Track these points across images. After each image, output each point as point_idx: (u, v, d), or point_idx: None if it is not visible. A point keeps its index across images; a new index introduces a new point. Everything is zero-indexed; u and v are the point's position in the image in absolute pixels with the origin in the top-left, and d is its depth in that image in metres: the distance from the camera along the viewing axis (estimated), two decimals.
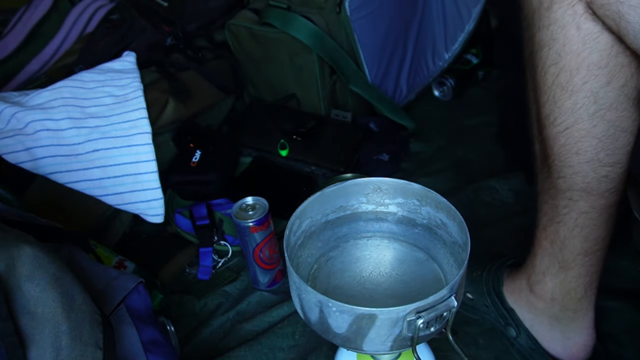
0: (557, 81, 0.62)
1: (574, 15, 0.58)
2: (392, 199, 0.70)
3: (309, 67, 1.20)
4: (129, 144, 0.96)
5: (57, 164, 0.94)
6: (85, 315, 0.56)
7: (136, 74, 1.05)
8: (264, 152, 1.21)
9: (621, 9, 0.53)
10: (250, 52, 1.26)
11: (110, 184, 0.96)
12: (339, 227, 0.72)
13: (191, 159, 1.11)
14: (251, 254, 0.91)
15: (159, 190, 0.98)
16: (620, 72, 0.59)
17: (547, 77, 0.63)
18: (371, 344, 0.56)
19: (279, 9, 1.17)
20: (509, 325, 0.81)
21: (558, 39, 0.60)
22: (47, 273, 0.55)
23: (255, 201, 0.90)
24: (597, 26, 0.58)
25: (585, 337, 0.77)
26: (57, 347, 0.53)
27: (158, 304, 0.92)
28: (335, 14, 1.16)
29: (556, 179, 0.68)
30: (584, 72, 0.60)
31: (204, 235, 1.02)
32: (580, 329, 0.77)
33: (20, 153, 0.94)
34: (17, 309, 0.53)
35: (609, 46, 0.58)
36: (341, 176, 1.09)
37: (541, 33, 0.62)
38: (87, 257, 0.69)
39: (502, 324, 0.82)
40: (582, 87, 0.61)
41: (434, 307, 0.54)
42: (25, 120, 0.94)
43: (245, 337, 0.90)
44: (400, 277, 0.68)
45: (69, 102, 0.97)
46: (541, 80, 0.64)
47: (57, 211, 0.94)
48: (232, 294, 0.97)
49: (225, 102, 1.27)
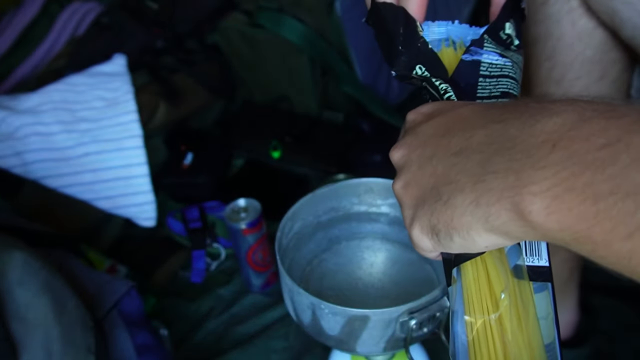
0: (551, 76, 0.62)
1: (569, 11, 0.59)
2: (384, 200, 0.70)
3: (300, 68, 1.20)
4: (120, 147, 0.96)
5: (47, 168, 0.94)
6: (77, 320, 0.56)
7: (127, 76, 1.05)
8: (256, 154, 1.20)
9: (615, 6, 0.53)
10: (242, 54, 1.26)
11: (101, 187, 0.96)
12: (331, 229, 0.72)
13: (183, 162, 1.11)
14: (244, 257, 0.91)
15: (150, 193, 0.98)
16: (613, 67, 0.60)
17: (541, 72, 0.63)
18: (364, 345, 0.56)
19: (270, 11, 1.17)
20: None
21: (553, 33, 0.60)
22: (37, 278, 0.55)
23: (247, 203, 0.90)
24: (592, 22, 0.58)
25: (571, 315, 0.79)
26: (49, 353, 0.52)
27: (151, 307, 0.92)
28: (326, 14, 1.16)
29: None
30: (578, 66, 0.60)
31: (197, 238, 1.02)
32: (566, 309, 0.79)
33: (11, 158, 0.94)
34: (7, 315, 0.52)
35: (603, 42, 0.58)
36: (333, 177, 1.09)
37: (536, 27, 0.62)
38: (78, 262, 0.69)
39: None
40: (575, 81, 0.61)
41: (427, 308, 0.54)
42: (15, 124, 0.94)
43: (238, 339, 0.89)
44: (392, 278, 0.68)
45: (59, 105, 0.97)
46: (535, 74, 0.64)
47: (48, 216, 0.93)
48: (225, 296, 0.97)
49: (217, 104, 1.27)
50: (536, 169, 0.29)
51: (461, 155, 0.34)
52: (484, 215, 0.31)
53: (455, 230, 0.34)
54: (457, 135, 0.35)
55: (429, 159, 0.36)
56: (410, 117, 0.42)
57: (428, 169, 0.36)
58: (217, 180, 1.13)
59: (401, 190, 0.38)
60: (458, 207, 0.33)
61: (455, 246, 0.34)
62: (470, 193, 0.32)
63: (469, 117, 0.36)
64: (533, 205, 0.29)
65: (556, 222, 0.28)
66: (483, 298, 0.38)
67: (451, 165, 0.35)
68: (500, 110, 0.34)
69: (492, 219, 0.31)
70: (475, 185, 0.32)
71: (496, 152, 0.32)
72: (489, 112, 0.35)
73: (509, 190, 0.30)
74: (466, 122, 0.36)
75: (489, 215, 0.31)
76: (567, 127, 0.29)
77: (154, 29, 1.21)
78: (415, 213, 0.37)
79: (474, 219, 0.32)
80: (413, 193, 0.37)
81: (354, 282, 0.68)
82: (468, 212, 0.32)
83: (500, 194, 0.31)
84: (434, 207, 0.35)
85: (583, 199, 0.27)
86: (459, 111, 0.38)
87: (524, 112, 0.32)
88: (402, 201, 0.39)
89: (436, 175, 0.35)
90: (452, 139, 0.36)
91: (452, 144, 0.35)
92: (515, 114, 0.33)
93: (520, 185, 0.29)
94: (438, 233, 0.35)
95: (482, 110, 0.36)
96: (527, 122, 0.31)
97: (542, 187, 0.28)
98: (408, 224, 0.37)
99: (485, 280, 0.38)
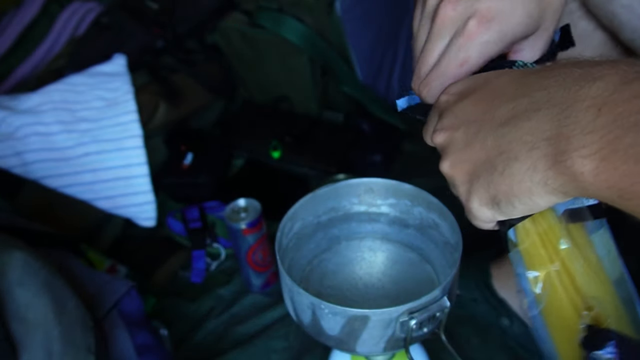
0: None
1: (568, 13, 0.59)
2: (384, 200, 0.70)
3: (300, 68, 1.20)
4: (120, 147, 0.96)
5: (47, 168, 0.94)
6: (77, 320, 0.56)
7: (127, 76, 1.05)
8: (256, 154, 1.20)
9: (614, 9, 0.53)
10: (242, 54, 1.26)
11: (101, 187, 0.96)
12: (331, 229, 0.71)
13: (183, 162, 1.11)
14: (244, 257, 0.91)
15: (150, 193, 0.98)
16: None
17: None
18: (364, 346, 0.56)
19: (270, 11, 1.17)
20: (501, 315, 0.82)
21: None
22: (37, 278, 0.55)
23: (247, 203, 0.90)
24: (592, 24, 0.58)
25: None
26: (49, 353, 0.52)
27: (151, 307, 0.92)
28: (326, 14, 1.16)
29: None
30: None
31: (197, 238, 1.02)
32: None
33: (11, 158, 0.94)
34: (7, 315, 0.52)
35: (603, 43, 0.59)
36: (333, 177, 1.09)
37: None
38: (78, 262, 0.69)
39: (494, 316, 0.83)
40: None
41: (427, 308, 0.54)
42: (15, 124, 0.94)
43: (238, 339, 0.89)
44: (392, 278, 0.68)
45: (59, 105, 0.97)
46: None
47: (48, 216, 0.94)
48: (225, 296, 0.97)
49: (217, 104, 1.26)
50: (585, 133, 0.30)
51: (509, 125, 0.35)
52: (543, 179, 0.33)
53: (516, 197, 0.35)
54: (501, 107, 0.36)
55: (475, 134, 0.37)
56: (442, 98, 0.42)
57: (476, 145, 0.37)
58: (217, 180, 1.13)
59: (450, 170, 0.39)
60: (516, 174, 0.34)
61: (517, 212, 0.36)
62: (526, 160, 0.33)
63: (506, 87, 0.37)
64: (584, 167, 0.30)
65: (604, 181, 0.30)
66: (542, 252, 0.39)
67: (501, 137, 0.35)
68: (540, 78, 0.35)
69: (550, 181, 0.33)
70: (530, 152, 0.33)
71: (544, 119, 0.33)
72: (528, 80, 0.36)
73: (563, 154, 0.31)
74: (506, 93, 0.36)
75: (548, 179, 0.33)
76: (610, 90, 0.30)
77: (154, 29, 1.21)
78: (470, 188, 0.38)
79: (533, 184, 0.33)
80: (464, 169, 0.38)
81: (354, 282, 0.68)
82: (527, 178, 0.34)
83: (554, 158, 0.32)
84: (490, 178, 0.36)
85: (626, 159, 0.29)
86: (495, 83, 0.38)
87: (567, 78, 0.33)
88: (453, 179, 0.39)
89: (487, 148, 0.36)
90: (496, 111, 0.36)
91: (497, 116, 0.36)
92: (557, 79, 0.33)
93: (571, 149, 0.31)
94: (499, 202, 0.36)
95: (518, 78, 0.37)
96: (571, 88, 0.32)
97: (591, 150, 0.30)
98: (464, 199, 0.39)
99: (539, 235, 0.40)
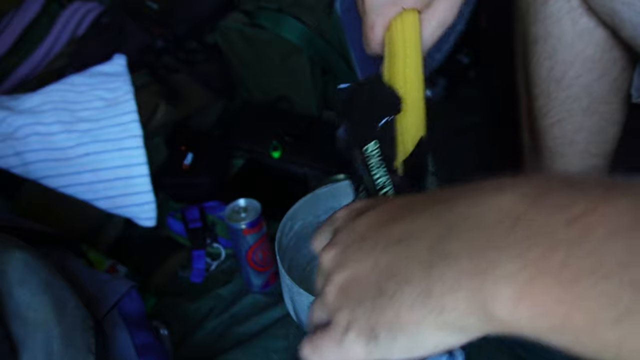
0: (552, 74, 0.63)
1: (569, 10, 0.59)
2: None
3: (300, 68, 1.20)
4: (120, 147, 0.96)
5: (47, 168, 0.94)
6: (77, 319, 0.56)
7: (127, 77, 1.04)
8: (256, 154, 1.20)
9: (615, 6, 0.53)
10: (242, 54, 1.26)
11: (101, 187, 0.96)
12: None
13: (183, 162, 1.11)
14: (244, 257, 0.91)
15: (150, 193, 0.98)
16: (614, 65, 0.60)
17: (541, 71, 0.63)
18: None
19: (269, 11, 1.17)
20: None
21: (553, 32, 0.61)
22: (38, 278, 0.55)
23: (247, 203, 0.90)
24: (592, 21, 0.58)
25: None
26: (49, 353, 0.52)
27: (151, 307, 0.92)
28: (326, 14, 1.16)
29: (544, 169, 0.68)
30: (579, 65, 0.61)
31: (197, 238, 1.02)
32: None
33: (11, 158, 0.94)
34: (8, 315, 0.52)
35: (604, 40, 0.59)
36: (333, 177, 1.09)
37: (536, 27, 0.62)
38: (78, 262, 0.69)
39: None
40: (576, 80, 0.61)
41: None
42: (16, 124, 0.94)
43: (239, 339, 0.89)
44: None
45: (59, 105, 0.97)
46: (535, 73, 0.64)
47: (48, 216, 0.93)
48: (225, 296, 0.97)
49: (217, 104, 1.26)
50: (499, 249, 0.25)
51: (406, 241, 0.30)
52: (437, 307, 0.27)
53: (400, 330, 0.28)
54: (400, 222, 0.31)
55: (368, 252, 0.31)
56: (340, 214, 0.38)
57: (368, 264, 0.31)
58: (217, 180, 1.13)
59: (336, 298, 0.32)
60: (406, 300, 0.28)
61: (397, 349, 0.29)
62: (419, 282, 0.27)
63: (409, 204, 0.32)
64: (498, 291, 0.24)
65: (528, 309, 0.24)
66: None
67: (395, 254, 0.30)
68: (445, 193, 0.31)
69: (446, 310, 0.26)
70: (425, 273, 0.27)
71: (446, 235, 0.28)
72: (432, 196, 0.32)
73: (467, 275, 0.26)
74: (407, 208, 0.32)
75: (443, 307, 0.26)
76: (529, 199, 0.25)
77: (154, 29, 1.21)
78: (353, 315, 0.30)
79: (423, 311, 0.27)
80: (351, 295, 0.31)
81: None
82: (417, 304, 0.27)
83: (455, 281, 0.26)
84: (375, 303, 0.29)
85: (559, 281, 0.23)
86: (397, 201, 0.34)
87: (474, 189, 0.29)
88: (336, 309, 0.32)
89: (379, 268, 0.30)
90: (395, 227, 0.31)
91: (394, 232, 0.31)
92: (462, 192, 0.29)
93: (479, 270, 0.25)
94: (377, 336, 0.29)
95: (423, 196, 0.33)
96: (478, 199, 0.28)
97: (509, 270, 0.24)
98: (342, 329, 0.31)
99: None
